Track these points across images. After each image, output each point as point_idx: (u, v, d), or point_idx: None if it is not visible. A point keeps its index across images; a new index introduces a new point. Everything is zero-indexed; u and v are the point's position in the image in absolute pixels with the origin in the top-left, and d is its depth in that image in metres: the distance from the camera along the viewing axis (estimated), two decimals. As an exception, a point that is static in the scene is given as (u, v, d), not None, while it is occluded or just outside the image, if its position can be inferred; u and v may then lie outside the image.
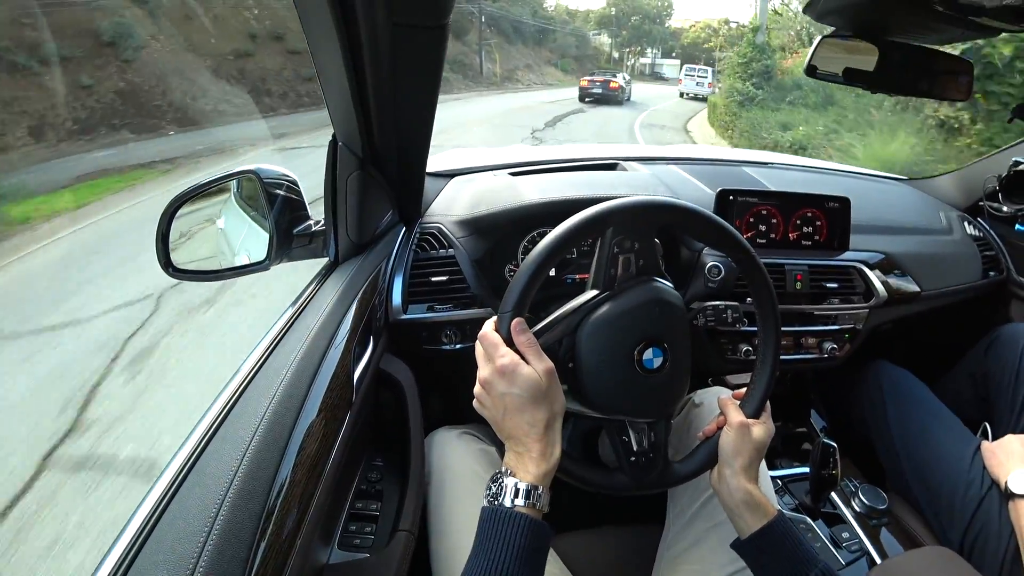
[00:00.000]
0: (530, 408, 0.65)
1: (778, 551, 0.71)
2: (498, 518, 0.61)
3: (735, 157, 1.84)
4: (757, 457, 0.77)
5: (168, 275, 0.88)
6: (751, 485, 0.75)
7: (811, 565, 0.69)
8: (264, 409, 0.64)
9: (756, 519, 0.73)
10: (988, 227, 1.58)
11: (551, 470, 0.65)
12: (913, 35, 0.94)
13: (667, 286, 0.76)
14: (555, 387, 0.67)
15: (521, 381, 0.65)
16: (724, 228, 0.77)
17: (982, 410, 1.30)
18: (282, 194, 0.95)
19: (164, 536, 0.50)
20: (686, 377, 0.78)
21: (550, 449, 0.65)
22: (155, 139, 9.72)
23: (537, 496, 0.63)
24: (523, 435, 0.65)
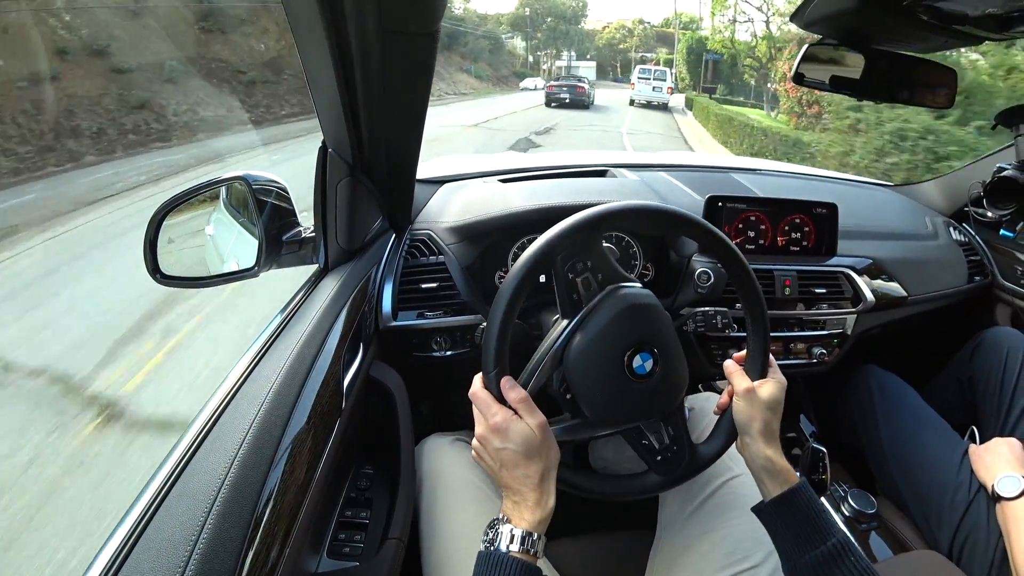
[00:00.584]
0: (524, 462, 0.68)
1: (797, 518, 0.72)
2: (492, 562, 0.63)
3: (724, 164, 1.86)
4: (772, 417, 0.77)
5: (156, 282, 0.88)
6: (771, 450, 0.76)
7: (830, 534, 0.70)
8: (253, 417, 0.63)
9: (777, 485, 0.74)
10: (973, 232, 1.60)
11: (546, 517, 0.67)
12: (898, 44, 0.95)
13: (634, 288, 0.76)
14: (548, 440, 0.69)
15: (514, 437, 0.68)
16: (662, 211, 0.77)
17: (969, 414, 1.32)
18: (271, 200, 0.95)
19: (151, 546, 0.49)
20: (681, 368, 0.77)
21: (545, 498, 0.68)
22: None
23: (532, 542, 0.64)
24: (519, 486, 0.68)
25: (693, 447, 0.79)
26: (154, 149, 9.89)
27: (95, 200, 6.54)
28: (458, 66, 41.30)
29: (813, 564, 0.69)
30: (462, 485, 0.92)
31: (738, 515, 0.85)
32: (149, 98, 4.22)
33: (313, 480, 0.69)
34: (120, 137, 9.89)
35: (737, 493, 0.88)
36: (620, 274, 0.77)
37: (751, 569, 0.80)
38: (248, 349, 0.78)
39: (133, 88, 10.80)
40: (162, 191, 1.22)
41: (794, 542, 0.71)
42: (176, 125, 10.80)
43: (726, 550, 0.82)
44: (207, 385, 3.00)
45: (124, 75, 11.07)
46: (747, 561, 0.80)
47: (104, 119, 10.07)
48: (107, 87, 10.73)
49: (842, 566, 0.67)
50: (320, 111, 0.85)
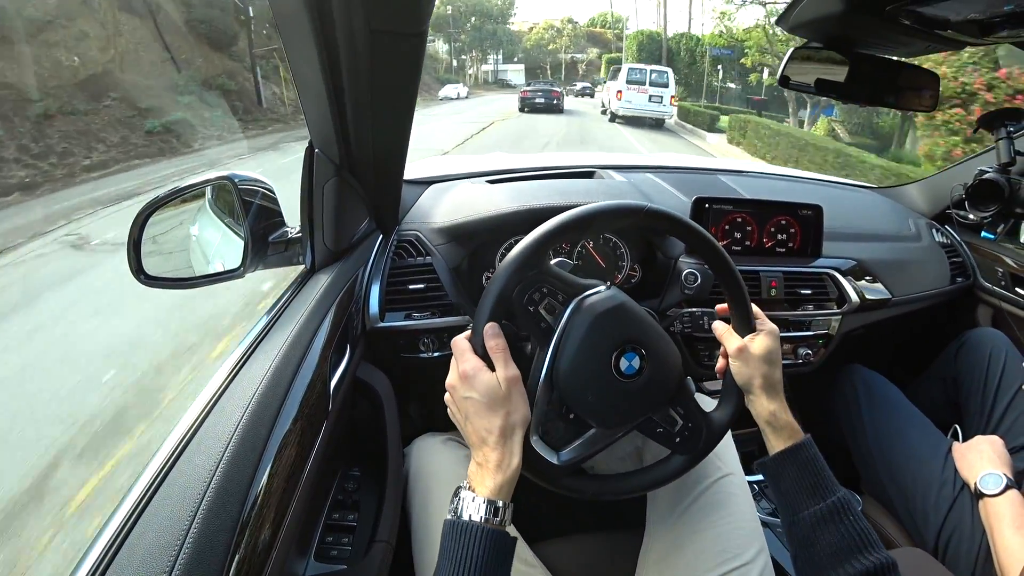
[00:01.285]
0: (486, 414, 0.66)
1: (799, 473, 0.72)
2: (456, 532, 0.61)
3: (710, 166, 1.87)
4: (771, 370, 0.78)
5: (140, 283, 0.87)
6: (774, 404, 0.76)
7: (831, 491, 0.70)
8: (238, 419, 0.63)
9: (782, 440, 0.75)
10: (955, 234, 1.63)
11: (509, 481, 0.65)
12: (882, 48, 0.96)
13: (597, 294, 0.75)
14: (516, 396, 0.67)
15: (479, 386, 0.66)
16: (593, 211, 0.75)
17: (953, 413, 1.33)
18: (257, 201, 0.94)
19: (135, 549, 0.49)
20: (670, 354, 0.77)
21: (507, 460, 0.65)
22: None
23: (495, 509, 0.62)
24: (480, 442, 0.66)
25: (708, 419, 0.79)
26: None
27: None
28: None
29: (812, 519, 0.69)
30: (455, 484, 0.92)
31: (729, 513, 0.86)
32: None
33: (300, 483, 0.68)
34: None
35: (727, 492, 0.89)
36: (578, 284, 0.75)
37: (742, 567, 0.80)
38: (234, 350, 0.77)
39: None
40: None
41: (795, 497, 0.72)
42: None
43: (717, 548, 0.82)
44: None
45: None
46: (738, 559, 0.81)
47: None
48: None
49: (840, 523, 0.68)
50: (307, 110, 0.85)
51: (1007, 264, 1.48)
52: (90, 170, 8.47)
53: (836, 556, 0.67)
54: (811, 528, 0.69)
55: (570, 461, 0.73)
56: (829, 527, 0.68)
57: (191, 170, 1.40)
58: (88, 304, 4.15)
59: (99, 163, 8.76)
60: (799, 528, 0.71)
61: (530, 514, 0.96)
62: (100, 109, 9.97)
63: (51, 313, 4.03)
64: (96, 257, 5.34)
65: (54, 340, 3.69)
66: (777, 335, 0.81)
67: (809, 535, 0.70)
